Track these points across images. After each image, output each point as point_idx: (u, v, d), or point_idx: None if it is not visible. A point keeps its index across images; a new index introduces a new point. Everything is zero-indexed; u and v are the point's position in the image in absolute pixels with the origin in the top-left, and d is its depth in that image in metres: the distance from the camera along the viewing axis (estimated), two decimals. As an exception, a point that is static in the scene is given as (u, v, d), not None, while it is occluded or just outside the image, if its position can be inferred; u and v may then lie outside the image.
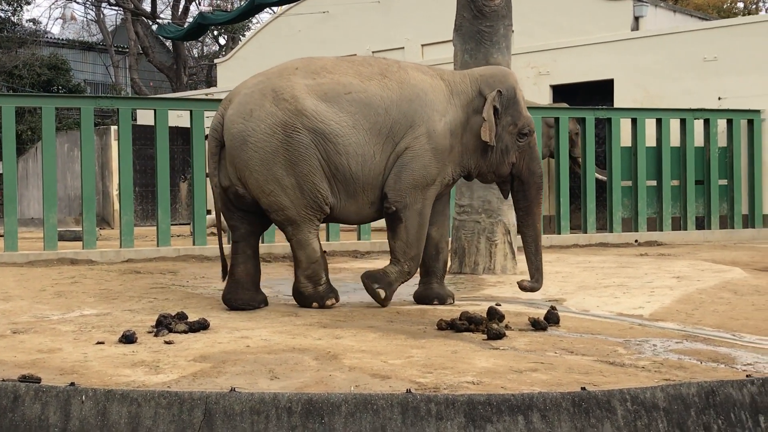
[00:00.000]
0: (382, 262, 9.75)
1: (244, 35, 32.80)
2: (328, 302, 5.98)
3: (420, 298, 6.40)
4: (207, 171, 5.96)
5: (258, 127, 5.76)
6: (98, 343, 4.62)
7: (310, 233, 5.91)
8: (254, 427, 2.89)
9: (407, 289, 7.17)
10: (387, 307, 6.06)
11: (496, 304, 5.88)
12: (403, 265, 6.08)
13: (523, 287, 6.13)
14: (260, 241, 6.35)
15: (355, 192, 5.93)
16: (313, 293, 5.98)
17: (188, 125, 11.17)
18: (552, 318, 5.28)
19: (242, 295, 5.98)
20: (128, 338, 4.62)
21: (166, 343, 4.62)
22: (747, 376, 3.44)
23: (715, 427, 3.05)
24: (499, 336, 4.78)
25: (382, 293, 6.04)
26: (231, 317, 5.58)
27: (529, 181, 6.27)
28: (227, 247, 6.36)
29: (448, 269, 8.55)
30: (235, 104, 5.92)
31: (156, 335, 4.83)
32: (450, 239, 9.14)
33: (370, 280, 6.07)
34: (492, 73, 6.29)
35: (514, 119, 6.17)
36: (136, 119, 22.05)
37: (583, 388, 3.07)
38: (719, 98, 14.49)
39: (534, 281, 6.18)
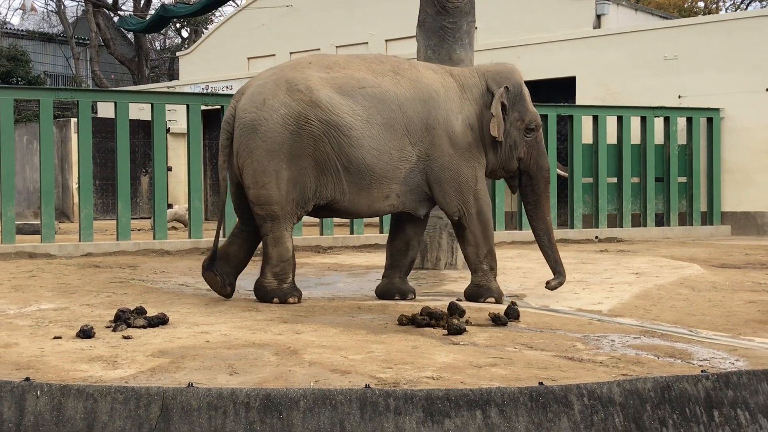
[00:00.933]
0: (344, 258, 9.76)
1: (206, 28, 32.58)
2: (291, 299, 5.96)
3: (382, 293, 6.41)
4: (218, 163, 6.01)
5: (270, 117, 5.79)
6: (55, 337, 4.57)
7: (287, 231, 5.93)
8: (212, 422, 2.87)
9: (369, 285, 7.17)
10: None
11: (457, 300, 5.91)
12: (482, 266, 6.22)
13: (550, 287, 6.34)
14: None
15: (369, 185, 5.97)
16: (276, 289, 5.97)
17: (149, 118, 11.07)
18: (512, 313, 5.31)
19: (223, 267, 6.13)
20: (86, 333, 4.57)
21: (125, 338, 4.58)
22: (702, 371, 3.48)
23: (670, 422, 3.09)
24: (460, 331, 4.79)
25: (493, 300, 6.13)
26: (191, 312, 5.54)
27: (537, 175, 6.39)
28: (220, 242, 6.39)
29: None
30: (248, 95, 5.95)
31: (114, 330, 4.78)
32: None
33: (475, 298, 6.16)
34: (498, 70, 6.36)
35: (521, 115, 6.28)
36: (96, 112, 21.81)
37: (541, 383, 3.08)
38: (679, 96, 14.66)
39: (557, 276, 6.39)
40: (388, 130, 5.93)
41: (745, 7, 29.84)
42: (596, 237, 12.75)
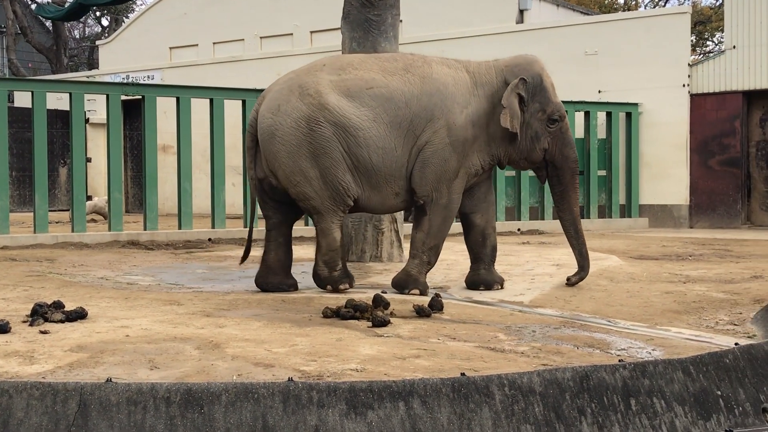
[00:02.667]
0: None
1: (127, 17, 31.96)
2: (341, 286, 6.17)
3: (469, 283, 6.54)
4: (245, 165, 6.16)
5: (284, 121, 6.04)
6: (-32, 333, 4.43)
7: (333, 223, 6.14)
8: (131, 417, 2.82)
9: (295, 278, 7.14)
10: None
11: (382, 292, 5.91)
12: (421, 256, 6.24)
13: (570, 283, 6.49)
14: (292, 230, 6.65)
15: (378, 183, 6.13)
16: (328, 276, 6.21)
17: (68, 108, 10.82)
18: (436, 305, 5.34)
19: (272, 279, 6.34)
20: (1, 328, 4.44)
21: (42, 332, 4.47)
22: (620, 360, 3.55)
23: (588, 411, 3.15)
24: (384, 323, 4.80)
25: (417, 292, 6.16)
26: (110, 306, 5.44)
27: (563, 166, 6.44)
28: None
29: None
30: (267, 100, 6.24)
31: (31, 325, 4.66)
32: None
33: (399, 288, 6.23)
34: (517, 62, 6.39)
35: (542, 105, 6.31)
36: (13, 101, 21.22)
37: (463, 374, 3.11)
38: (599, 91, 14.94)
39: (579, 271, 6.53)
40: (394, 128, 6.07)
41: (663, 4, 30.54)
42: (518, 229, 12.92)
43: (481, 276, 6.51)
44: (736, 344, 3.84)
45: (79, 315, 4.87)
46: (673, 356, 3.75)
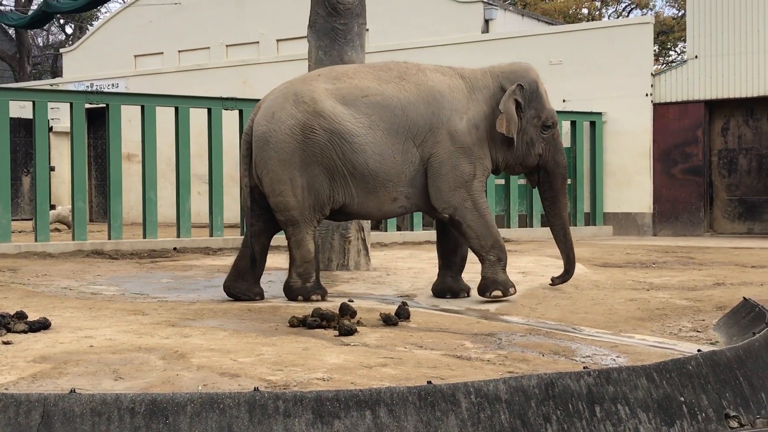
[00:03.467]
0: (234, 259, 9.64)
1: (92, 24, 31.73)
2: (314, 297, 6.17)
3: (436, 292, 6.57)
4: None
5: (279, 129, 6.10)
6: (-72, 345, 4.37)
7: (308, 234, 6.18)
8: (95, 429, 2.79)
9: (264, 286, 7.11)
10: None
11: (349, 300, 5.91)
12: (489, 257, 6.27)
13: (553, 284, 6.67)
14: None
15: (375, 188, 6.16)
16: (300, 288, 6.22)
17: (31, 116, 10.71)
18: (403, 313, 5.35)
19: (240, 285, 6.33)
20: (-38, 339, 4.38)
21: (4, 343, 4.42)
22: (584, 367, 3.58)
23: (554, 418, 3.17)
24: (351, 332, 4.80)
25: (500, 293, 6.22)
26: (74, 316, 5.39)
27: (555, 171, 6.56)
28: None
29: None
30: (262, 109, 6.30)
31: (-7, 336, 4.60)
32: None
33: (482, 292, 6.27)
34: (513, 69, 6.49)
35: (537, 112, 6.41)
36: (-26, 109, 20.94)
37: (430, 382, 3.12)
38: (564, 100, 15.07)
39: (563, 274, 6.68)
40: (392, 134, 6.11)
41: (626, 14, 30.89)
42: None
43: (448, 284, 6.54)
44: (698, 351, 3.88)
45: (42, 325, 4.82)
46: (637, 363, 3.78)
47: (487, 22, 16.77)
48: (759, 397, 3.82)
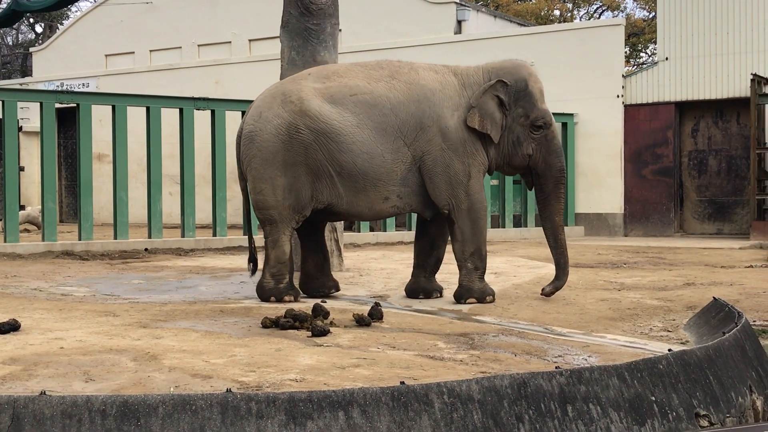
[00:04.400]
0: (207, 260, 9.61)
1: (62, 23, 31.44)
2: (286, 298, 6.18)
3: (409, 292, 6.54)
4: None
5: (265, 128, 6.13)
6: None
7: (285, 235, 6.18)
8: (66, 431, 2.77)
9: (232, 288, 7.09)
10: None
11: (322, 301, 5.90)
12: (466, 265, 6.24)
13: (544, 293, 6.35)
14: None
15: (365, 188, 6.13)
16: (273, 288, 6.21)
17: (0, 116, 10.60)
18: (376, 314, 5.35)
19: (311, 284, 6.57)
20: (-71, 341, 4.33)
21: (-28, 346, 4.36)
22: (556, 367, 3.59)
23: (526, 417, 3.18)
24: (324, 333, 4.79)
25: (474, 300, 6.18)
26: (44, 318, 5.33)
27: (546, 174, 6.32)
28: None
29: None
30: (252, 108, 6.37)
31: (-39, 338, 4.54)
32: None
33: (458, 299, 6.25)
34: (503, 66, 6.37)
35: (525, 111, 6.23)
36: (-58, 108, 20.69)
37: (403, 383, 3.12)
38: (536, 102, 15.10)
39: (554, 281, 6.39)
40: (381, 133, 6.07)
41: (597, 16, 31.09)
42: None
43: (421, 284, 6.54)
44: (669, 350, 3.91)
45: (11, 327, 4.77)
46: (609, 363, 3.81)
47: (459, 23, 16.81)
48: (729, 396, 3.86)
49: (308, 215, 6.23)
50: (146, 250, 10.67)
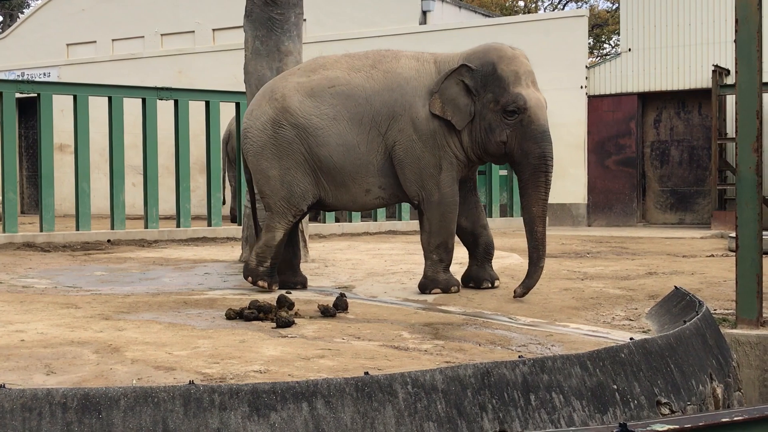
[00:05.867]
0: (171, 251, 9.54)
1: (23, 12, 31.01)
2: (260, 282, 6.26)
3: (463, 281, 6.50)
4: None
5: (254, 124, 6.28)
6: None
7: (279, 224, 6.25)
8: (26, 424, 2.74)
9: (196, 279, 7.05)
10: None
11: (286, 292, 5.89)
12: (431, 256, 6.22)
13: (516, 295, 5.92)
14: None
15: (345, 181, 6.18)
16: (253, 270, 6.29)
17: (-42, 106, 10.43)
18: (341, 305, 5.34)
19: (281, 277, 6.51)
20: None
21: (-70, 339, 4.30)
22: (520, 356, 3.61)
23: (489, 407, 3.20)
24: (288, 324, 4.78)
25: (439, 291, 6.19)
26: (4, 310, 5.27)
27: (521, 161, 5.94)
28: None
29: (240, 258, 8.49)
30: (248, 106, 6.58)
31: None
32: (242, 227, 9.08)
33: (422, 290, 6.26)
34: (475, 50, 6.21)
35: (495, 96, 5.93)
36: None
37: (367, 373, 3.12)
38: (501, 92, 15.16)
39: (525, 279, 5.96)
40: (356, 124, 6.07)
41: (562, 7, 31.24)
42: (423, 228, 13.01)
43: (472, 273, 6.50)
44: (631, 339, 3.95)
45: (-30, 320, 4.70)
46: (571, 352, 3.84)
47: (424, 13, 16.81)
48: (689, 384, 3.91)
49: (305, 210, 6.27)
50: (109, 241, 10.58)
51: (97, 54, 20.41)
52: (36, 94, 10.83)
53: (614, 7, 29.23)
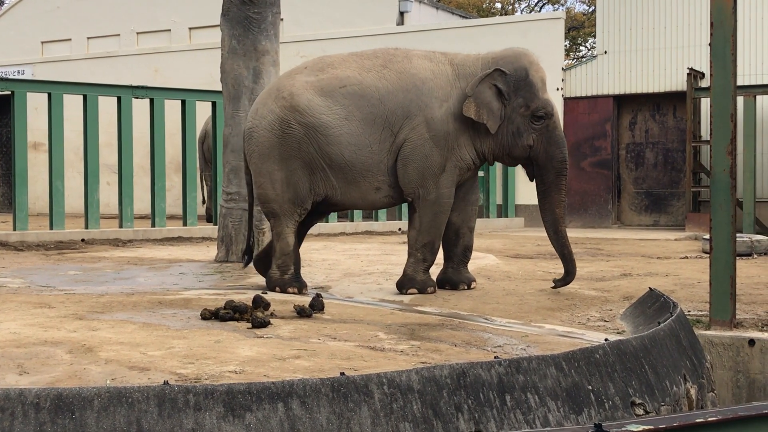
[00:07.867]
0: (145, 251, 9.49)
1: (-3, 9, 30.69)
2: (290, 289, 6.18)
3: (439, 283, 6.46)
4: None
5: (260, 124, 6.20)
6: None
7: (288, 227, 6.22)
8: (-3, 426, 2.71)
9: (171, 279, 7.01)
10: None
11: (263, 292, 5.86)
12: (415, 254, 6.23)
13: (554, 287, 6.31)
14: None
15: (355, 179, 6.14)
16: (278, 279, 6.25)
17: (-70, 103, 10.32)
18: (317, 305, 5.33)
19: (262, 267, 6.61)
20: None
21: None
22: (495, 357, 3.62)
23: (465, 407, 3.20)
24: (264, 324, 4.76)
25: (415, 291, 6.18)
26: (-24, 310, 5.21)
27: (546, 165, 6.19)
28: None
29: (215, 257, 8.45)
30: (253, 105, 6.49)
31: None
32: (217, 227, 9.04)
33: (399, 288, 6.28)
34: (503, 55, 6.23)
35: (526, 101, 6.10)
36: None
37: (342, 374, 3.11)
38: (477, 93, 15.20)
39: (564, 276, 6.32)
40: (369, 124, 6.04)
41: (538, 10, 31.37)
42: (399, 229, 13.04)
43: (448, 275, 6.50)
44: (606, 340, 3.97)
45: (-59, 320, 4.65)
46: (547, 352, 3.85)
47: (402, 14, 16.82)
48: (664, 384, 3.93)
49: (309, 208, 6.24)
50: (83, 240, 10.50)
51: (72, 52, 20.26)
52: (10, 92, 10.73)
53: (590, 10, 29.40)
